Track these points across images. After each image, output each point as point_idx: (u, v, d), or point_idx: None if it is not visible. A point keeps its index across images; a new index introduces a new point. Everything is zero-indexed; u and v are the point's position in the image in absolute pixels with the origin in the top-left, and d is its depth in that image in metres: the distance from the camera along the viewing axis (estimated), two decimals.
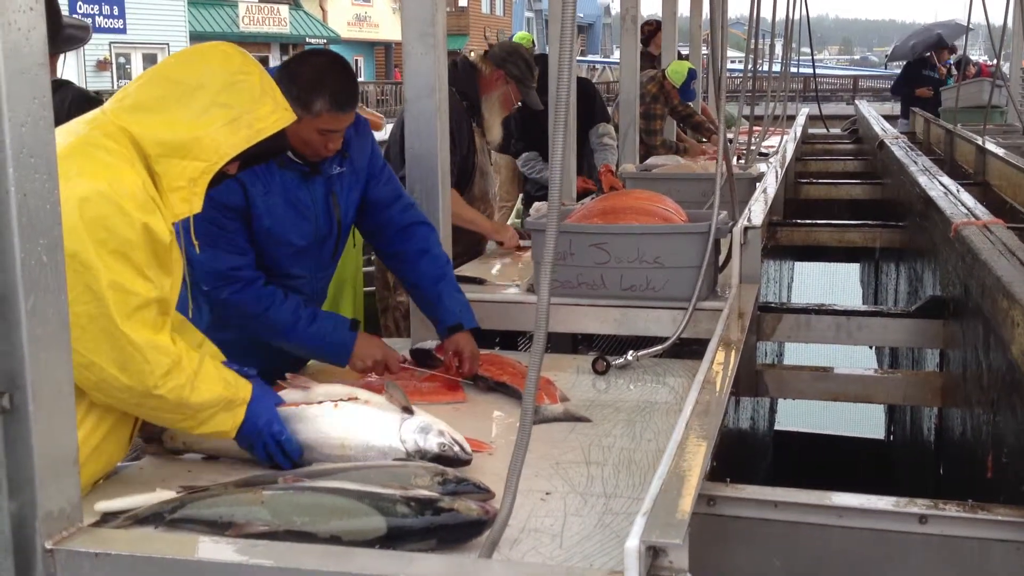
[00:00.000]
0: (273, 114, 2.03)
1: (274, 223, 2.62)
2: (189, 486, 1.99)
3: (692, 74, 8.02)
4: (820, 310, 3.19)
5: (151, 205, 1.89)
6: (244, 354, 2.31)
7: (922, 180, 4.04)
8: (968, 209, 3.17)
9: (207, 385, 1.99)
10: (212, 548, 1.63)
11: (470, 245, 4.28)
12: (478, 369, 2.76)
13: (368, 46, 39.70)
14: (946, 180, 4.08)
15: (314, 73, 2.52)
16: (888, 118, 10.81)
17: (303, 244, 2.70)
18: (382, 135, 4.36)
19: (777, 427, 6.38)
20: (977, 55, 20.26)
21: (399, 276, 3.02)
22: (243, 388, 2.07)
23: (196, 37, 28.50)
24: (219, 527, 1.78)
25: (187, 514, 1.83)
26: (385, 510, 1.76)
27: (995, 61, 8.78)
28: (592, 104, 6.45)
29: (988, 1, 8.14)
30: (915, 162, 4.99)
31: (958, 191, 3.61)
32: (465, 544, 1.78)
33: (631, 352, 2.95)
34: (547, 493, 2.05)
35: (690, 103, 8.43)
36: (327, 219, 2.73)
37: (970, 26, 9.27)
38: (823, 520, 1.77)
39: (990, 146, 6.03)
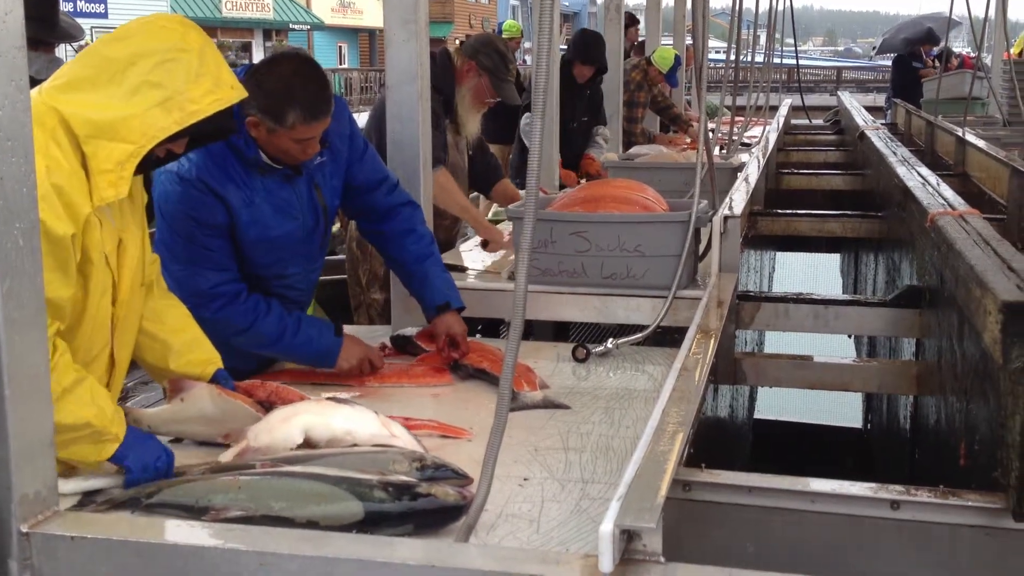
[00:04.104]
0: (210, 95, 1.92)
1: (262, 231, 2.59)
2: None
3: (678, 61, 8.05)
4: (798, 299, 3.22)
5: (51, 198, 1.76)
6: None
7: (901, 171, 4.07)
8: (945, 200, 3.19)
9: (73, 408, 1.80)
10: (188, 532, 1.64)
11: (444, 235, 4.29)
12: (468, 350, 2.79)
13: (352, 33, 39.51)
14: (924, 171, 4.10)
15: (282, 84, 2.44)
16: (870, 109, 10.85)
17: (294, 243, 2.69)
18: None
19: (757, 415, 6.42)
20: (960, 47, 20.37)
21: (383, 254, 3.02)
22: (119, 424, 1.90)
23: None
24: (196, 512, 1.79)
25: (164, 499, 1.83)
26: (362, 495, 1.77)
27: (977, 53, 8.82)
28: (601, 104, 6.56)
29: None
30: (894, 153, 5.01)
31: (938, 183, 3.64)
32: (443, 529, 1.79)
33: (611, 340, 2.97)
34: (525, 479, 2.07)
35: (674, 89, 8.50)
36: (313, 213, 2.71)
37: (953, 18, 9.32)
38: (796, 505, 1.79)
39: (970, 137, 6.06)
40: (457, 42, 4.28)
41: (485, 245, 3.99)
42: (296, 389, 2.40)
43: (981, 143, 5.75)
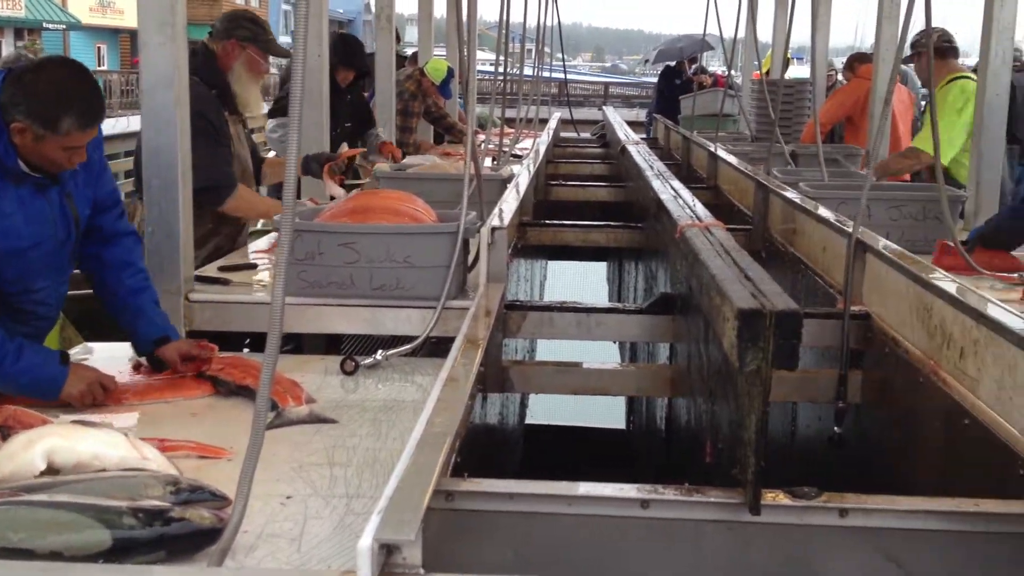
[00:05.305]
0: None
1: (14, 242, 2.46)
2: None
3: (451, 72, 8.17)
4: (562, 307, 3.31)
5: None
6: None
7: (656, 184, 4.28)
8: (693, 212, 3.38)
9: None
10: None
11: (232, 235, 4.22)
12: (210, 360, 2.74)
13: (112, 33, 37.65)
14: (677, 184, 4.33)
15: (56, 89, 2.38)
16: (633, 124, 11.36)
17: (44, 255, 2.56)
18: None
19: (528, 421, 6.57)
20: (716, 66, 21.64)
21: (95, 281, 2.85)
22: None
23: None
24: None
25: None
26: (110, 523, 1.68)
27: (728, 72, 9.41)
28: (367, 109, 6.66)
29: (723, 16, 8.76)
30: (651, 167, 5.26)
31: (693, 200, 3.84)
32: (199, 554, 1.73)
33: (380, 351, 2.97)
34: (288, 497, 2.03)
35: (447, 100, 8.62)
36: (64, 223, 2.60)
37: (717, 37, 9.90)
38: (554, 509, 1.84)
39: (721, 152, 6.45)
40: (207, 33, 4.26)
41: None
42: (38, 413, 2.26)
43: (731, 158, 6.13)
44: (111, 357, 2.87)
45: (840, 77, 9.18)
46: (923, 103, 8.59)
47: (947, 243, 3.71)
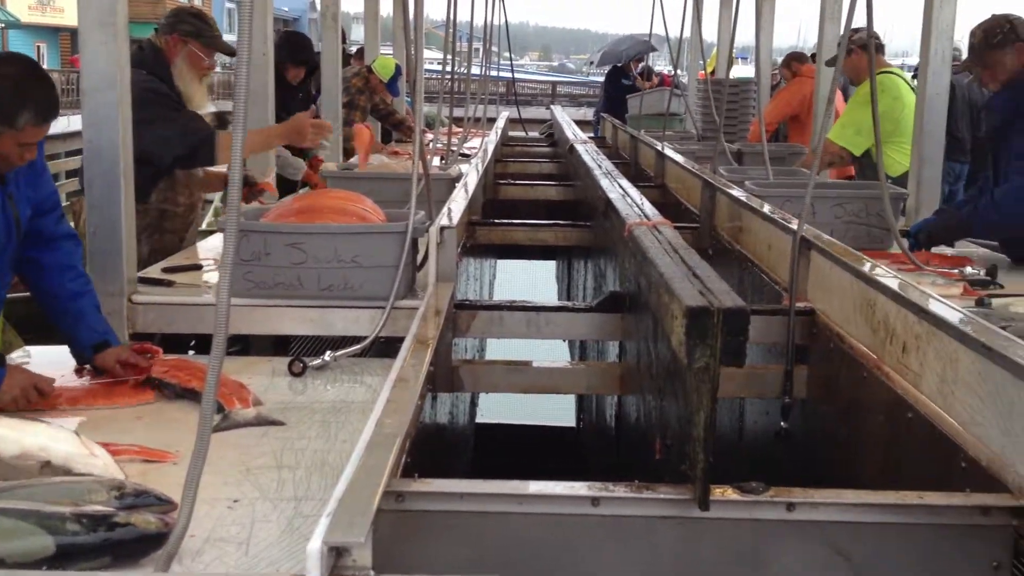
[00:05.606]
0: None
1: None
2: None
3: (399, 70, 8.15)
4: (512, 306, 3.32)
5: None
6: None
7: (604, 183, 4.30)
8: (641, 211, 3.40)
9: None
10: None
11: (178, 232, 4.20)
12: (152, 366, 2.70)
13: (52, 32, 37.01)
14: (625, 183, 4.36)
15: (12, 85, 2.38)
16: (581, 123, 11.40)
17: None
18: None
19: (478, 420, 6.57)
20: (662, 66, 21.85)
21: (33, 285, 2.80)
22: None
23: None
24: None
25: None
26: (53, 528, 1.65)
27: (674, 72, 9.48)
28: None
29: (668, 16, 8.83)
30: (599, 166, 5.28)
31: (641, 199, 3.86)
32: (145, 559, 1.70)
33: (328, 352, 2.94)
34: (235, 500, 2.00)
35: (395, 99, 8.60)
36: (5, 225, 2.55)
37: (660, 37, 9.97)
38: (505, 508, 1.84)
39: (668, 151, 6.50)
40: (152, 30, 4.32)
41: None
42: None
43: (678, 157, 6.17)
44: (51, 361, 2.81)
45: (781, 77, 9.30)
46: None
47: None
